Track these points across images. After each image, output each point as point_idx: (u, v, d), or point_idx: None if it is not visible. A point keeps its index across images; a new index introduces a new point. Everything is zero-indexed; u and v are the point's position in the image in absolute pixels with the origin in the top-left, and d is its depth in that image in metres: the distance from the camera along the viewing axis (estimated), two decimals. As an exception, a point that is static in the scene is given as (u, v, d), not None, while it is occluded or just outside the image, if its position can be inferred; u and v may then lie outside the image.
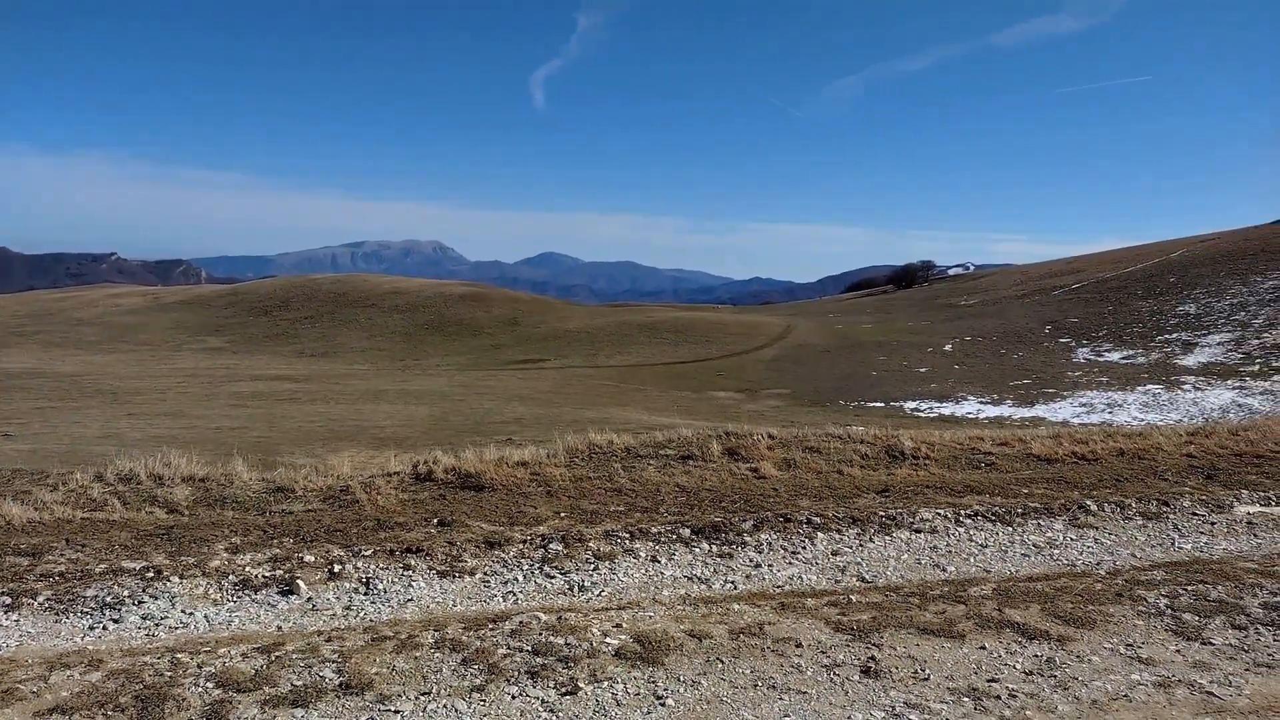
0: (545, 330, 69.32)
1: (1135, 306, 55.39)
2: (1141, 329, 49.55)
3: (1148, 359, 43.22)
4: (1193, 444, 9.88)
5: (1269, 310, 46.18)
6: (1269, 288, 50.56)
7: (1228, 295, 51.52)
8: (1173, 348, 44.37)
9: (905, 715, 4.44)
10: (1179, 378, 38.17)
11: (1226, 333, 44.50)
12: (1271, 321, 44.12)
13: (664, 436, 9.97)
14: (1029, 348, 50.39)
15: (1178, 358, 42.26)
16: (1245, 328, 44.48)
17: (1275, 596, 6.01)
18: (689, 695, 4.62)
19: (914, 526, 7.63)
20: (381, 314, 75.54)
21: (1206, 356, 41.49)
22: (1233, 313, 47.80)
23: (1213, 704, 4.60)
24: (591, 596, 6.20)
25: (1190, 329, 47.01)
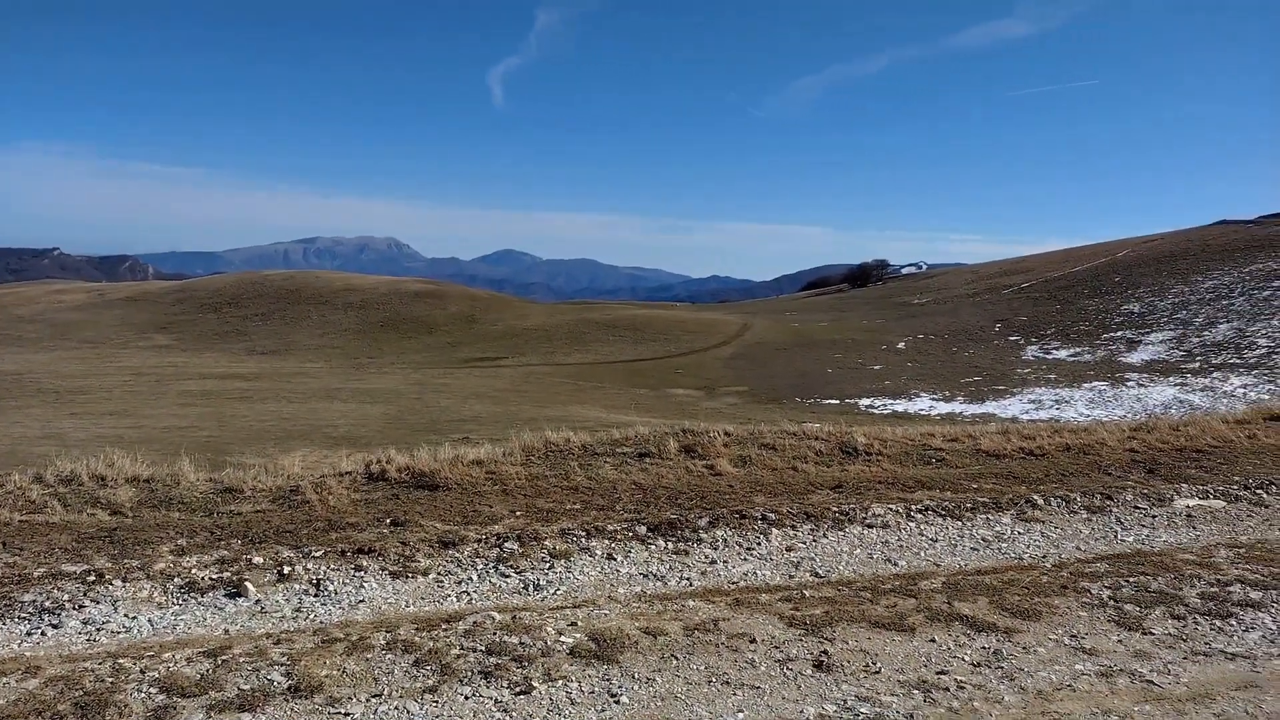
0: (503, 328, 68.93)
1: (1082, 305, 56.81)
2: (1088, 327, 50.82)
3: (1094, 356, 44.35)
4: (1135, 439, 10.16)
5: (1209, 309, 47.67)
6: (1209, 288, 52.19)
7: (1170, 295, 53.08)
8: (1118, 346, 45.59)
9: (856, 708, 4.49)
10: (1124, 375, 39.24)
11: (1169, 331, 45.83)
12: (1211, 320, 45.55)
13: (621, 434, 9.97)
14: (980, 345, 51.39)
15: (1122, 355, 43.43)
16: (1186, 326, 45.86)
17: (1212, 587, 6.20)
18: (643, 692, 4.63)
19: (867, 522, 7.73)
20: (335, 311, 74.44)
21: (1150, 354, 42.69)
22: (1174, 312, 49.26)
23: (1153, 692, 4.73)
24: (547, 595, 6.18)
25: (1134, 327, 48.33)
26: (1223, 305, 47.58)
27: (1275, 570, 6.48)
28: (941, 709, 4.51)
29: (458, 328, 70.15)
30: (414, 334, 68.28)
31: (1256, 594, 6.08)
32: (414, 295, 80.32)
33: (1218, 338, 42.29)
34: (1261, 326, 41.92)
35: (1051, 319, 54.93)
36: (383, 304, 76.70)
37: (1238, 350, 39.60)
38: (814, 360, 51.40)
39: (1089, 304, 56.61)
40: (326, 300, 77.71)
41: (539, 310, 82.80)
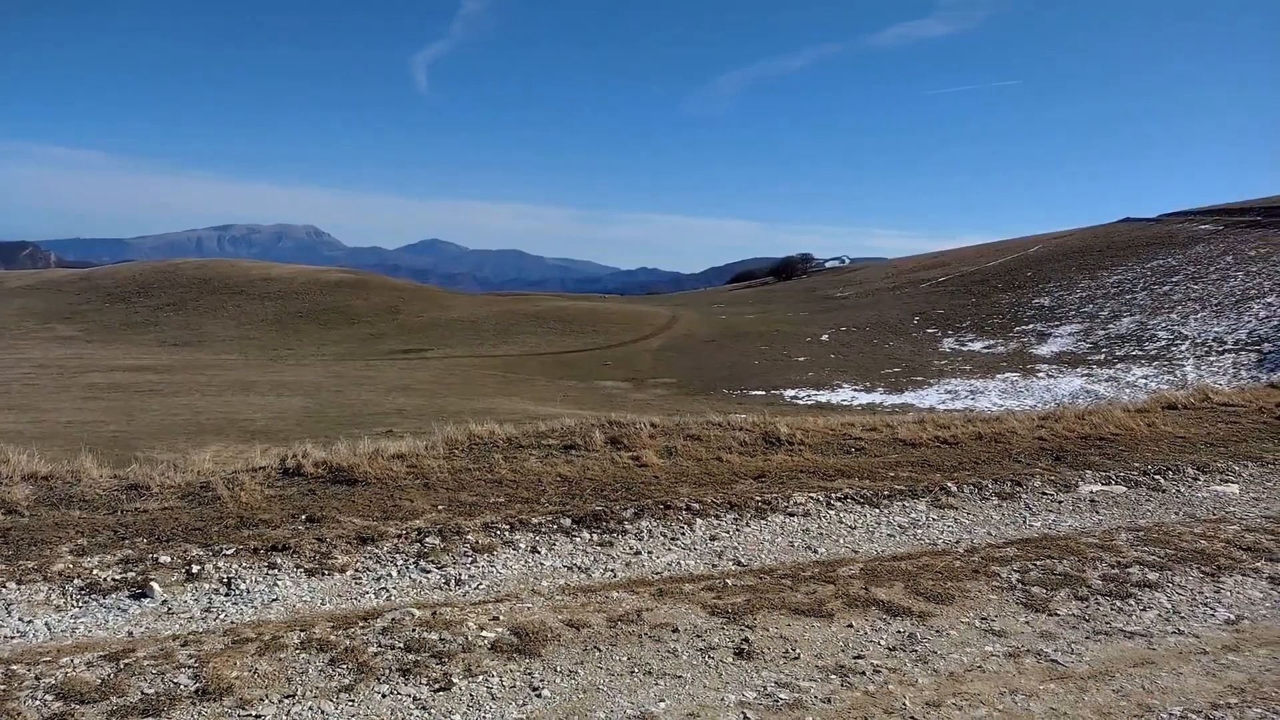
0: (428, 319, 67.80)
1: (996, 299, 58.82)
2: (1001, 320, 52.65)
3: (1006, 348, 45.98)
4: (1043, 428, 10.56)
5: (1113, 303, 49.89)
6: (1114, 282, 54.61)
7: (1078, 289, 55.36)
8: (1029, 338, 47.37)
9: (775, 694, 4.56)
10: (1034, 366, 40.79)
11: (1076, 324, 47.81)
12: (1116, 314, 47.68)
13: (547, 426, 9.90)
14: (899, 338, 52.76)
15: (1033, 347, 45.14)
16: (1093, 319, 47.91)
17: (1113, 569, 6.49)
18: (565, 685, 4.61)
19: (788, 510, 7.85)
20: (251, 301, 72.06)
21: (1059, 346, 44.47)
22: (1082, 305, 51.41)
23: (1057, 671, 4.93)
24: (469, 590, 6.10)
25: (1044, 320, 50.28)
26: (1126, 299, 49.86)
27: (1171, 552, 6.82)
28: (858, 693, 4.61)
29: (380, 319, 68.71)
30: (334, 325, 66.63)
31: (1154, 575, 6.38)
32: (334, 285, 78.36)
33: (1121, 330, 44.32)
34: (1161, 320, 44.09)
35: (967, 312, 56.74)
36: (301, 294, 74.60)
37: (1139, 342, 41.57)
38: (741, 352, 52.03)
39: (1002, 298, 58.65)
40: (242, 290, 75.18)
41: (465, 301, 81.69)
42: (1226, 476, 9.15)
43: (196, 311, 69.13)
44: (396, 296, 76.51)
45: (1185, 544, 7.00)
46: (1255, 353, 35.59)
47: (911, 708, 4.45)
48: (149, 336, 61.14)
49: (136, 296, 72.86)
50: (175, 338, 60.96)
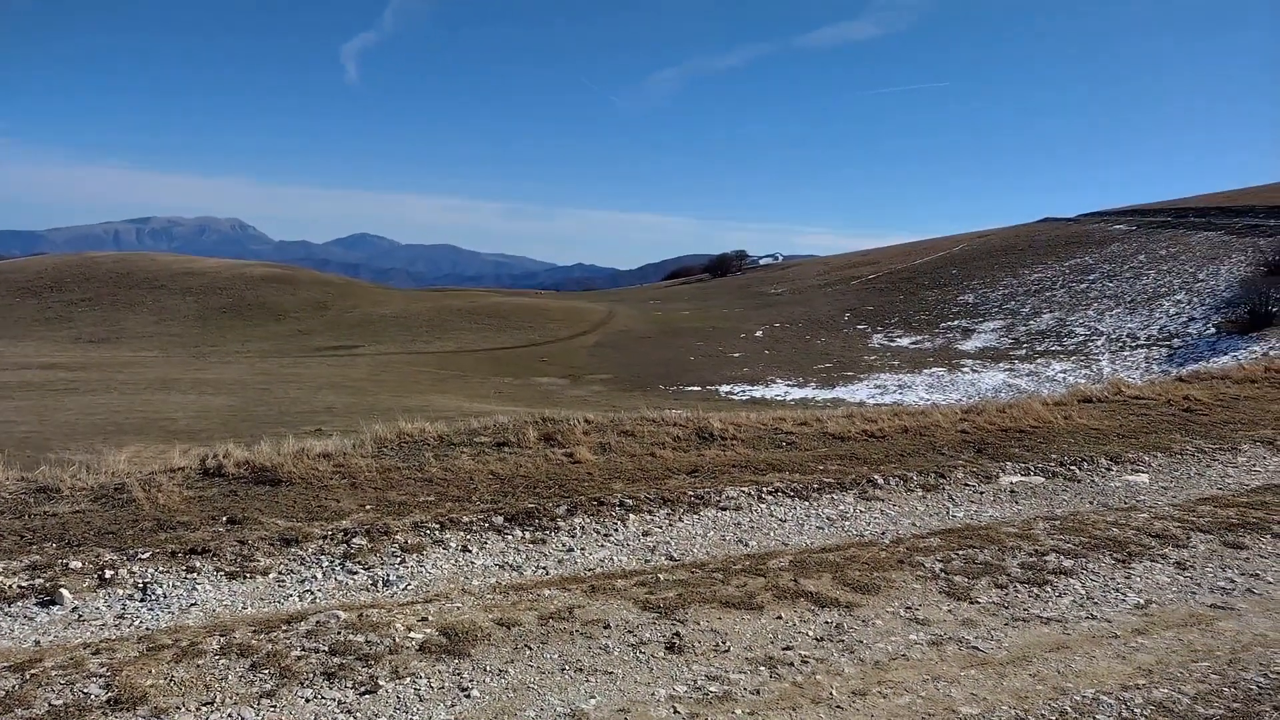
0: (359, 315, 66.45)
1: (923, 296, 60.33)
2: (928, 317, 54.03)
3: (933, 344, 47.21)
4: (966, 421, 10.87)
5: (1034, 300, 51.62)
6: (1034, 280, 56.50)
7: (1000, 286, 57.14)
8: (954, 334, 48.71)
9: (706, 688, 4.60)
10: (959, 361, 41.97)
11: (999, 320, 49.35)
12: (1036, 310, 49.34)
13: (479, 424, 9.79)
14: (831, 334, 53.73)
15: (958, 343, 46.44)
16: (1015, 316, 49.51)
17: (1031, 557, 6.71)
18: (495, 685, 4.57)
19: (720, 505, 7.92)
20: (172, 296, 69.60)
21: (982, 342, 45.84)
22: (1004, 302, 53.08)
23: (977, 657, 5.07)
24: (397, 591, 6.00)
25: (969, 317, 51.76)
26: (1046, 297, 51.65)
27: (1085, 540, 7.08)
28: (786, 684, 4.67)
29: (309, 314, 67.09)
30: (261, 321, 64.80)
31: (1069, 562, 6.62)
32: (261, 280, 76.18)
33: (1041, 327, 45.89)
34: (1079, 316, 45.79)
35: (896, 309, 58.07)
36: (226, 289, 72.34)
37: (1058, 338, 43.11)
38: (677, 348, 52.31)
39: (929, 295, 60.18)
40: (163, 284, 72.56)
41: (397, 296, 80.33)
42: (1137, 466, 9.55)
43: (114, 307, 66.47)
44: (326, 291, 74.79)
45: (1099, 532, 7.28)
46: (1166, 348, 37.22)
47: (838, 697, 4.53)
48: (63, 333, 58.56)
49: (49, 291, 69.69)
50: (91, 334, 58.51)
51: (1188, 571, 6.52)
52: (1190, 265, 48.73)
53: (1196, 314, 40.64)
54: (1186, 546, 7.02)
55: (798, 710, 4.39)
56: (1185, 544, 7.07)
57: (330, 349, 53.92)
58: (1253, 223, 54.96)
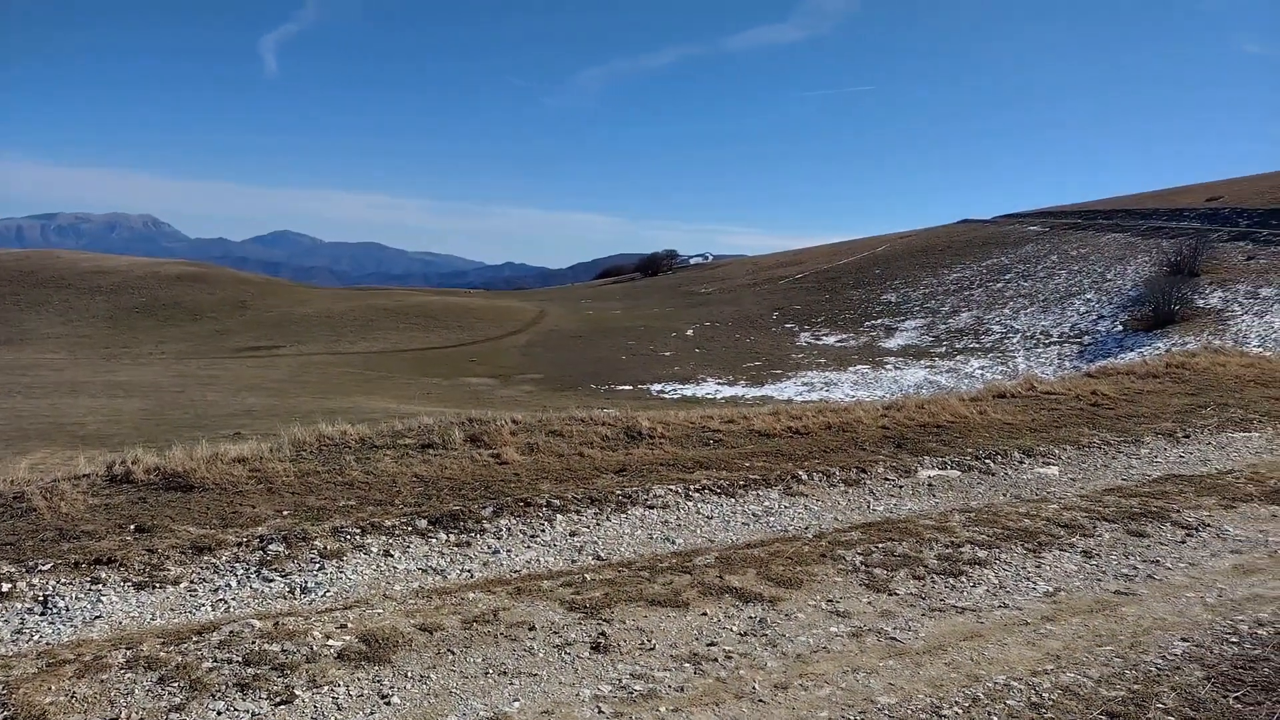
0: (279, 314, 64.62)
1: (848, 295, 61.64)
2: (853, 316, 55.22)
3: (858, 342, 48.27)
4: (887, 417, 11.13)
5: (953, 299, 53.21)
6: (953, 279, 58.24)
7: (921, 286, 58.73)
8: (878, 332, 49.88)
9: (631, 686, 4.60)
10: (883, 359, 43.00)
11: (920, 319, 50.71)
12: (955, 309, 50.86)
13: (403, 425, 9.61)
14: (759, 332, 54.45)
15: (882, 341, 47.58)
16: (935, 314, 50.95)
17: (947, 549, 6.90)
18: (416, 691, 4.49)
19: (648, 503, 7.94)
20: (81, 296, 66.57)
21: (904, 340, 47.05)
22: (925, 301, 54.57)
23: (895, 648, 5.19)
24: (315, 598, 5.84)
25: (892, 315, 53.07)
26: (964, 296, 53.30)
27: (998, 531, 7.32)
28: (710, 679, 4.71)
29: (227, 314, 64.96)
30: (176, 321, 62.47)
31: (983, 553, 6.83)
32: (175, 278, 73.46)
33: (960, 325, 47.33)
34: (995, 315, 47.38)
35: (822, 308, 59.19)
36: (138, 288, 69.54)
37: (976, 336, 44.52)
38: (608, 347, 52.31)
39: (853, 294, 61.52)
40: (70, 283, 69.35)
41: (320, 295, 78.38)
42: (1048, 459, 9.92)
43: (17, 306, 63.25)
44: (245, 290, 72.54)
45: (1011, 523, 7.53)
46: (1077, 345, 38.78)
47: (760, 691, 4.58)
48: (-42, 334, 55.51)
49: (-57, 290, 66.00)
50: (-10, 335, 55.60)
51: (1094, 559, 6.79)
52: (1099, 265, 50.89)
53: (1105, 312, 42.46)
54: (1093, 535, 7.31)
55: (721, 705, 4.43)
56: (1092, 533, 7.37)
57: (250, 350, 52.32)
58: (1156, 225, 57.71)
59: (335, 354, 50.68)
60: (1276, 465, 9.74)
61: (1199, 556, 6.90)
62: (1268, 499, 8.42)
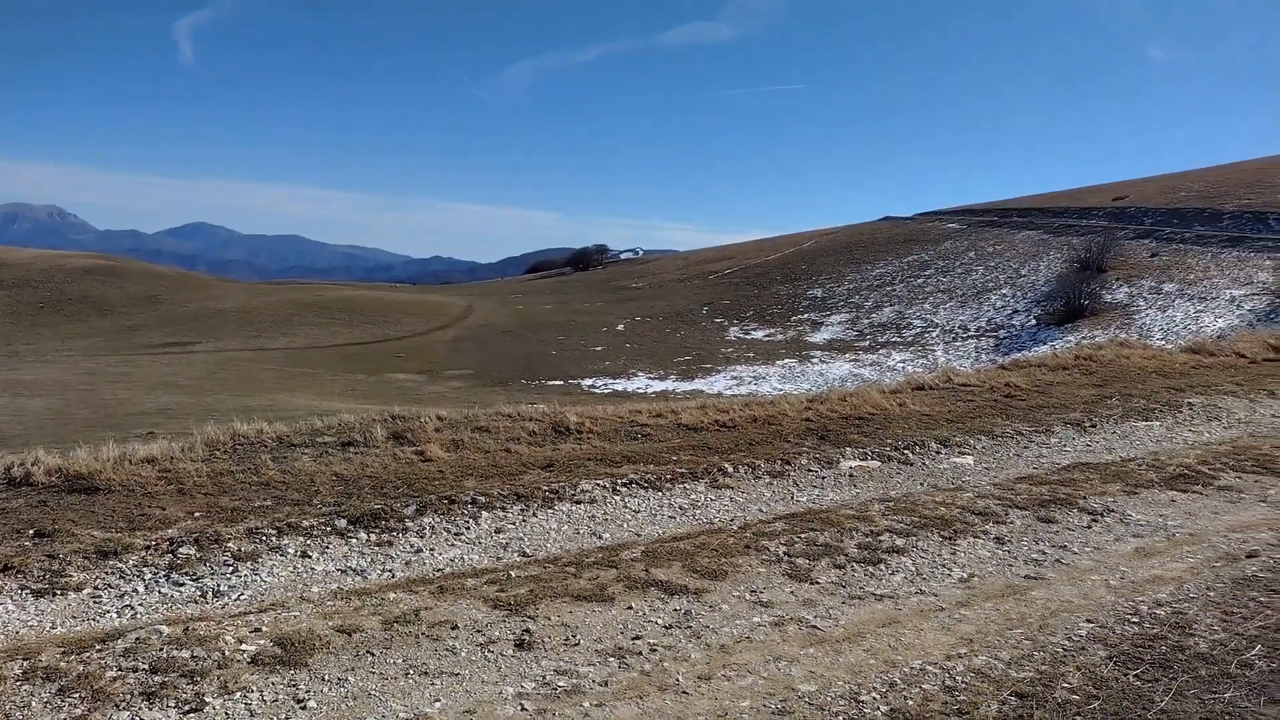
0: (195, 309, 62.40)
1: (775, 290, 62.54)
2: (780, 310, 56.06)
3: (785, 336, 49.04)
4: (810, 410, 11.33)
5: (876, 295, 54.48)
6: (876, 275, 59.63)
7: (846, 282, 59.97)
8: (804, 327, 50.76)
9: (554, 683, 4.58)
10: (809, 353, 43.79)
11: (845, 314, 51.79)
12: (878, 304, 52.09)
13: (323, 423, 9.37)
14: (690, 327, 54.86)
15: (808, 335, 48.44)
16: (859, 309, 52.09)
17: (867, 538, 7.06)
18: (333, 694, 4.38)
19: (575, 498, 7.91)
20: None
21: (830, 334, 47.99)
22: (849, 296, 55.75)
23: (816, 636, 5.29)
24: (228, 602, 5.65)
25: (818, 310, 54.06)
26: (887, 291, 54.63)
27: (915, 520, 7.52)
28: (634, 673, 4.72)
29: (139, 309, 62.42)
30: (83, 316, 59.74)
31: (901, 541, 7.01)
32: (83, 272, 70.23)
33: (883, 319, 48.50)
34: (916, 310, 48.68)
35: (750, 303, 59.94)
36: (42, 282, 66.26)
37: (898, 330, 45.69)
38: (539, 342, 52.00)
39: (781, 289, 62.46)
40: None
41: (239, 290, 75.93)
42: (963, 449, 10.24)
43: (-95, 301, 59.62)
44: (158, 284, 69.80)
45: (928, 512, 7.75)
46: (993, 338, 40.13)
47: (684, 682, 4.61)
48: None
49: None
50: (-124, 332, 52.30)
51: (1006, 545, 7.04)
52: (1014, 262, 52.75)
53: (1020, 307, 44.01)
54: (1005, 522, 7.58)
55: (645, 699, 4.44)
56: (1004, 520, 7.63)
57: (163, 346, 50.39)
58: (1067, 223, 60.07)
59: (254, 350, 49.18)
60: (1175, 453, 10.25)
61: (1103, 541, 7.21)
62: (1167, 485, 8.85)
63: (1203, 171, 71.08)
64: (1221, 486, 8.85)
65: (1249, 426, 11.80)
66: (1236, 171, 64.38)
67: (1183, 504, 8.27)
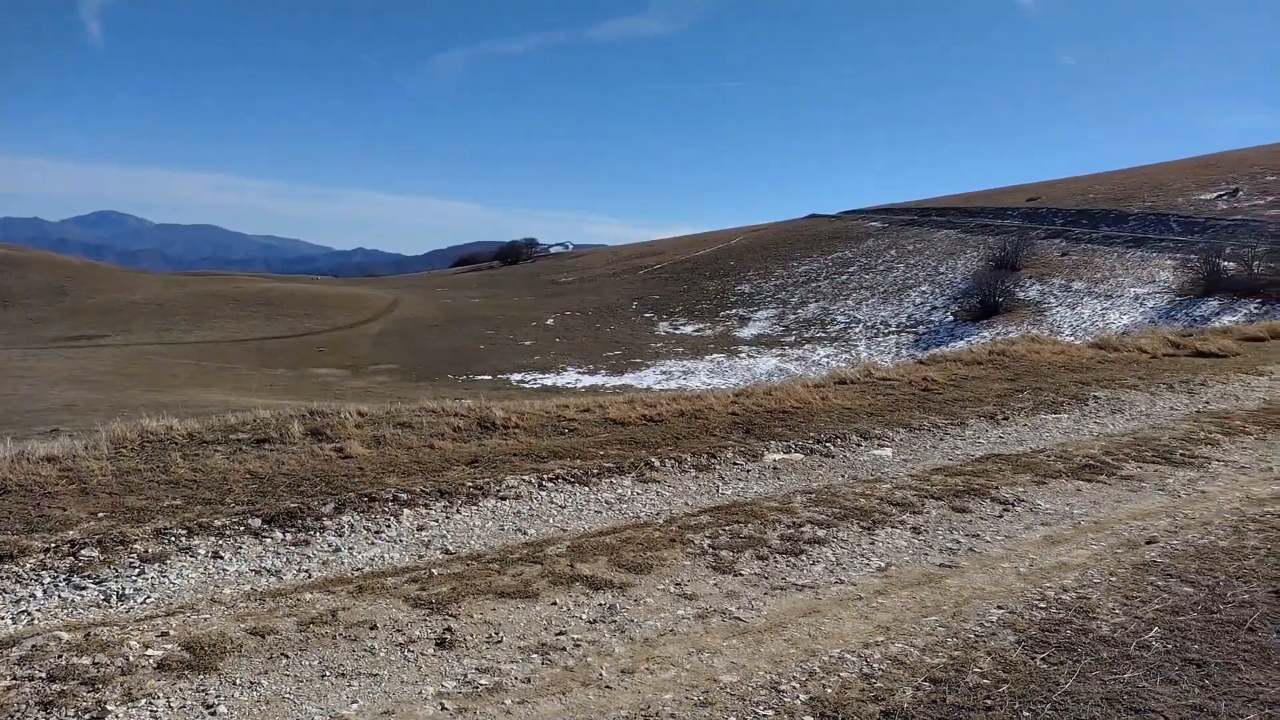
0: (103, 301, 59.72)
1: (704, 286, 63.08)
2: (709, 306, 56.57)
3: (714, 331, 49.51)
4: (737, 404, 11.46)
5: (802, 291, 55.42)
6: (802, 272, 60.65)
7: (773, 278, 60.84)
8: (732, 322, 51.33)
9: (476, 680, 4.52)
10: (737, 347, 44.30)
11: (772, 309, 52.54)
12: (804, 300, 53.00)
13: (237, 419, 9.07)
14: (620, 322, 54.91)
15: (736, 330, 49.00)
16: (785, 305, 52.91)
17: (789, 529, 7.17)
18: (245, 698, 4.24)
19: (500, 494, 7.84)
20: None
21: (757, 329, 48.63)
22: (776, 292, 56.58)
23: (739, 627, 5.35)
24: (134, 605, 5.42)
25: (746, 306, 54.72)
26: (812, 287, 55.63)
27: (836, 510, 7.68)
28: (558, 669, 4.70)
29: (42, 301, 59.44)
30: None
31: (822, 532, 7.14)
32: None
33: (808, 315, 49.38)
34: (840, 305, 49.70)
35: (679, 298, 60.32)
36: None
37: (823, 326, 46.58)
38: (467, 336, 51.36)
39: (710, 285, 63.03)
40: None
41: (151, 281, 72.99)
42: (882, 441, 10.49)
43: None
44: (63, 275, 66.54)
45: (848, 503, 7.92)
46: (913, 334, 41.23)
47: (608, 677, 4.61)
48: None
49: None
50: None
51: (922, 535, 7.23)
52: (933, 260, 54.29)
53: (938, 303, 45.33)
54: (922, 513, 7.79)
55: (568, 694, 4.43)
56: (921, 510, 7.85)
57: (69, 339, 48.09)
58: (984, 222, 62.10)
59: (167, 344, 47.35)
60: (1082, 444, 10.69)
61: (1014, 529, 7.47)
62: (1073, 475, 9.23)
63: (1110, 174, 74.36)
64: (1124, 476, 9.26)
65: (1149, 419, 12.39)
66: (1141, 175, 67.52)
67: (1088, 493, 8.63)
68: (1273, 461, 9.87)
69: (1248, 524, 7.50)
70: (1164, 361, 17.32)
